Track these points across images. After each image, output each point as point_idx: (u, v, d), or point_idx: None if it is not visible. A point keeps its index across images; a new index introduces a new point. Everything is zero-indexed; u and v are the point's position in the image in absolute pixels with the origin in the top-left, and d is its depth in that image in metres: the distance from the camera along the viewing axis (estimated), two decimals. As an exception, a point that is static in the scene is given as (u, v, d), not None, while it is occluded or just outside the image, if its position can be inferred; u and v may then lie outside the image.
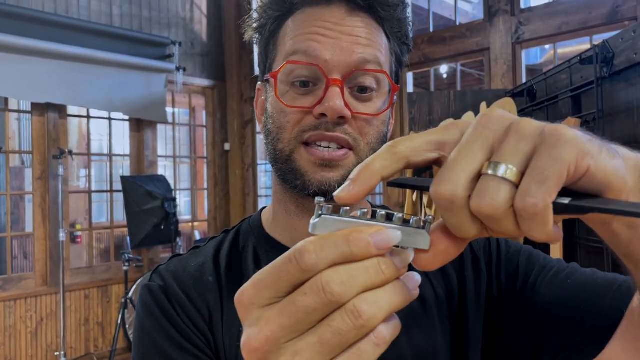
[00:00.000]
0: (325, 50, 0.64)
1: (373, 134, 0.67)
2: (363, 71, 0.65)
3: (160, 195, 4.46)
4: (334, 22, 0.66)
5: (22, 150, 6.29)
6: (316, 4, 0.68)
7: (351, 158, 0.66)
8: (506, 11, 3.81)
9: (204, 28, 5.43)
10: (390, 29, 0.70)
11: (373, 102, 0.67)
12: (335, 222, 0.35)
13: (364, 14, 0.68)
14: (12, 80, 3.97)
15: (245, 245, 0.75)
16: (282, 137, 0.67)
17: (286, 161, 0.67)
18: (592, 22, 3.43)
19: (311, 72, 0.65)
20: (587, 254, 1.79)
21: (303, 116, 0.65)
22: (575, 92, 1.75)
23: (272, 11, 0.71)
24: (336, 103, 0.62)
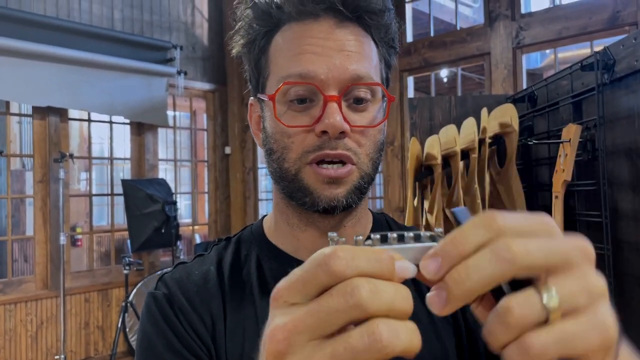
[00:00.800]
0: (319, 69, 0.65)
1: (371, 144, 0.69)
2: (358, 85, 0.67)
3: (161, 199, 4.47)
4: (323, 37, 0.67)
5: (23, 154, 6.29)
6: (304, 18, 0.68)
7: (355, 173, 0.68)
8: (507, 16, 3.82)
9: (205, 32, 5.44)
10: (377, 36, 0.71)
11: (369, 111, 0.69)
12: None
13: (352, 24, 0.69)
14: (13, 83, 3.98)
15: (248, 253, 0.76)
16: (287, 157, 0.68)
17: (292, 180, 0.69)
18: (593, 27, 3.44)
19: (308, 89, 0.66)
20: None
21: (305, 135, 0.67)
22: (576, 98, 1.75)
23: (259, 27, 0.71)
24: (336, 119, 0.64)
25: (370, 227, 0.79)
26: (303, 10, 0.68)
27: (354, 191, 0.68)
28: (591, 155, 1.65)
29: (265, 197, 5.71)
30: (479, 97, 2.53)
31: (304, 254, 0.72)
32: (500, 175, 1.98)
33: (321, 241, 0.72)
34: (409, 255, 0.35)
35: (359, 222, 0.75)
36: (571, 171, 1.62)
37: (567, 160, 1.61)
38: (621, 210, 1.58)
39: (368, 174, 0.69)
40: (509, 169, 1.92)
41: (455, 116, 2.30)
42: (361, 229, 0.76)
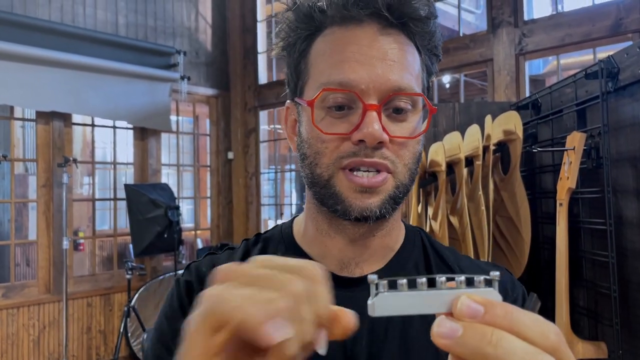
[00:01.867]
0: (361, 78, 0.63)
1: (409, 155, 0.67)
2: (399, 95, 0.65)
3: (164, 204, 4.47)
4: (366, 45, 0.65)
5: (27, 158, 6.31)
6: (346, 23, 0.66)
7: (390, 182, 0.66)
8: (510, 22, 3.83)
9: (208, 37, 5.46)
10: (421, 43, 0.69)
11: (409, 121, 0.67)
12: (395, 299, 0.35)
13: (395, 31, 0.67)
14: (17, 88, 4.00)
15: (275, 253, 0.75)
16: (320, 162, 0.67)
17: (325, 186, 0.67)
18: (596, 34, 3.45)
19: (347, 97, 0.65)
20: (592, 266, 1.79)
21: (341, 142, 0.65)
22: (580, 106, 1.76)
23: (301, 30, 0.70)
24: (375, 128, 0.62)
25: (402, 241, 0.76)
26: (347, 15, 0.66)
27: (388, 201, 0.66)
28: (595, 163, 1.65)
29: (267, 202, 5.71)
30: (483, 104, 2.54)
31: (330, 261, 0.71)
32: (504, 182, 1.99)
33: (348, 249, 0.70)
34: (432, 302, 0.35)
35: (389, 235, 0.73)
36: (575, 179, 1.62)
37: (572, 167, 1.61)
38: (625, 218, 1.58)
39: (404, 185, 0.67)
40: (513, 176, 1.93)
41: (459, 123, 2.31)
42: (391, 241, 0.74)
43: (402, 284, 0.35)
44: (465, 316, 0.33)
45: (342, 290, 0.59)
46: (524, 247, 1.89)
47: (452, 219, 2.05)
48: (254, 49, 5.56)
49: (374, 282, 0.35)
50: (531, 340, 0.33)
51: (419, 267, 0.75)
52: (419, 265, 0.75)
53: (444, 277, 0.35)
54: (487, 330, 0.32)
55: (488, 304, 0.33)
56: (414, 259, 0.75)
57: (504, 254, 2.02)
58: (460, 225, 1.99)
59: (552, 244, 1.94)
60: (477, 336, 0.32)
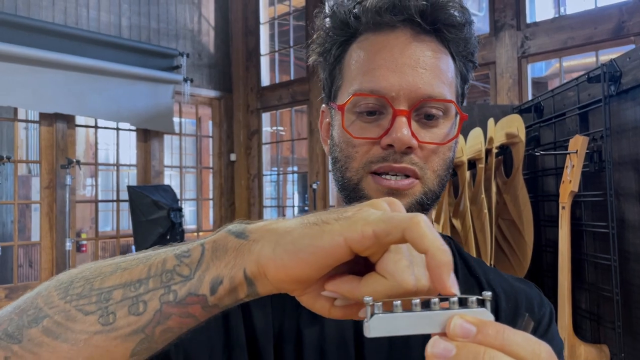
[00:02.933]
0: (392, 86, 0.64)
1: (439, 161, 0.67)
2: (429, 101, 0.65)
3: (166, 205, 4.48)
4: (398, 51, 0.65)
5: (30, 160, 6.33)
6: (380, 29, 0.67)
7: (417, 187, 0.66)
8: (512, 25, 3.83)
9: (211, 40, 5.47)
10: (456, 50, 0.69)
11: (440, 127, 0.66)
12: (390, 320, 0.36)
13: (429, 37, 0.67)
14: (21, 90, 4.02)
15: None
16: (350, 166, 0.67)
17: (354, 189, 0.67)
18: (598, 37, 3.45)
19: (378, 102, 0.65)
20: (594, 269, 1.79)
21: (371, 146, 0.65)
22: (582, 109, 1.76)
23: (337, 36, 0.70)
24: (404, 134, 0.62)
25: None
26: (380, 21, 0.66)
27: (414, 205, 0.66)
28: (598, 166, 1.66)
29: (269, 204, 5.72)
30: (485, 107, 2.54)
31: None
32: (506, 185, 1.99)
33: None
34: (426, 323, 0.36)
35: None
36: (578, 182, 1.63)
37: (574, 171, 1.62)
38: (628, 221, 1.58)
39: (432, 191, 0.67)
40: (515, 179, 1.93)
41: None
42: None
43: (397, 305, 0.36)
44: (459, 336, 0.34)
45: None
46: (527, 250, 1.90)
47: (455, 221, 2.05)
48: (256, 51, 5.57)
49: (369, 304, 0.36)
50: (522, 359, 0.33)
51: None
52: None
53: (437, 299, 0.36)
54: (479, 349, 0.33)
55: (480, 323, 0.34)
56: None
57: (506, 257, 2.02)
58: (462, 228, 2.00)
59: (554, 247, 1.94)
60: (470, 356, 0.33)
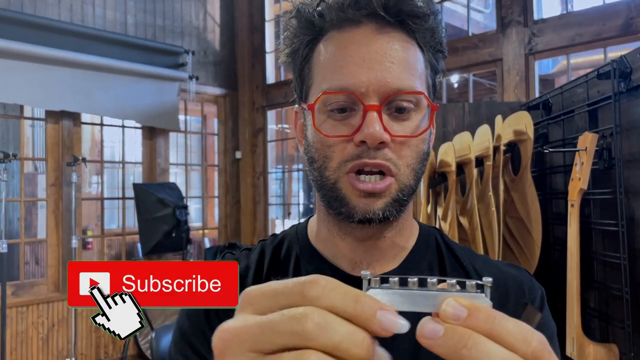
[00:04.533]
0: (360, 82, 0.64)
1: (413, 154, 0.67)
2: (400, 94, 0.65)
3: (172, 203, 4.49)
4: (364, 46, 0.65)
5: (36, 157, 6.34)
6: (345, 25, 0.67)
7: (394, 186, 0.66)
8: (519, 22, 3.80)
9: (216, 37, 5.47)
10: (423, 40, 0.68)
11: (412, 120, 0.66)
12: (384, 296, 0.35)
13: (394, 30, 0.66)
14: (27, 87, 4.02)
15: (289, 253, 0.77)
16: (328, 166, 0.67)
17: (331, 189, 0.68)
18: (606, 34, 3.42)
19: (348, 99, 0.65)
20: (603, 267, 1.78)
21: (345, 144, 0.65)
22: (592, 106, 1.74)
23: (303, 35, 0.70)
24: (375, 129, 0.62)
25: (415, 240, 0.76)
26: (344, 18, 0.66)
27: (392, 204, 0.66)
28: (607, 163, 1.64)
29: (275, 201, 5.72)
30: (493, 104, 2.53)
31: (342, 261, 0.73)
32: (514, 182, 1.98)
33: (359, 249, 0.71)
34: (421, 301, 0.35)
35: (399, 234, 0.73)
36: (587, 180, 1.61)
37: (583, 168, 1.60)
38: (637, 219, 1.57)
39: (408, 186, 0.67)
40: (523, 177, 1.92)
41: (468, 123, 2.30)
42: (402, 241, 0.74)
43: (393, 281, 0.36)
44: (449, 317, 0.34)
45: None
46: (535, 248, 1.88)
47: (462, 219, 2.04)
48: (262, 48, 5.56)
49: (367, 278, 0.36)
50: (511, 346, 0.33)
51: (432, 267, 0.75)
52: (432, 266, 0.75)
53: (435, 279, 0.35)
54: (465, 333, 0.33)
55: (472, 307, 0.34)
56: (428, 259, 0.75)
57: (514, 255, 2.01)
58: (470, 226, 1.98)
59: (562, 245, 1.93)
60: (455, 338, 0.33)
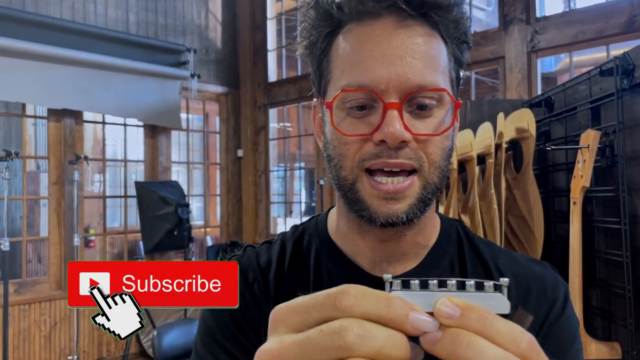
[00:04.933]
0: (380, 78, 0.61)
1: (437, 151, 0.64)
2: (421, 91, 0.62)
3: (174, 201, 4.49)
4: (385, 41, 0.62)
5: (38, 156, 6.35)
6: (364, 18, 0.64)
7: (416, 184, 0.63)
8: (521, 20, 3.79)
9: (218, 35, 5.47)
10: (446, 32, 0.65)
11: (434, 117, 0.63)
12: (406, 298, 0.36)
13: (416, 22, 0.63)
14: (29, 86, 4.03)
15: (309, 247, 0.75)
16: (344, 164, 0.65)
17: (350, 189, 0.65)
18: (609, 31, 3.41)
19: (367, 96, 0.62)
20: (605, 265, 1.77)
21: (363, 143, 0.63)
22: (594, 103, 1.74)
23: (321, 28, 0.67)
24: (396, 128, 0.60)
25: (436, 237, 0.73)
26: (363, 10, 0.63)
27: (416, 204, 0.63)
28: (610, 161, 1.63)
29: (276, 200, 5.72)
30: (495, 102, 2.52)
31: (362, 259, 0.71)
32: (516, 180, 1.97)
33: (380, 249, 0.69)
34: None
35: (421, 232, 0.70)
36: (590, 177, 1.61)
37: (586, 166, 1.60)
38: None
39: (432, 183, 0.64)
40: (525, 174, 1.91)
41: (470, 120, 2.29)
42: (424, 240, 0.71)
43: (414, 284, 0.38)
44: (443, 316, 0.35)
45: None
46: (537, 246, 1.88)
47: (464, 217, 2.03)
48: (263, 46, 5.56)
49: (389, 281, 0.38)
50: (502, 346, 0.34)
51: (453, 264, 0.72)
52: (454, 263, 0.73)
53: (454, 281, 0.37)
54: (460, 333, 0.34)
55: (466, 307, 0.35)
56: (449, 256, 0.73)
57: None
58: (472, 224, 1.98)
59: (564, 243, 1.92)
60: (451, 337, 0.34)
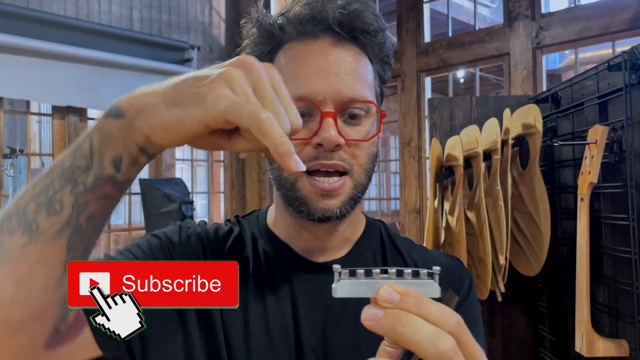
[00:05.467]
0: (317, 91, 0.71)
1: (364, 155, 0.75)
2: (353, 102, 0.72)
3: (178, 199, 4.49)
4: (321, 58, 0.72)
5: (43, 153, 6.36)
6: (304, 37, 0.74)
7: (348, 184, 0.74)
8: (526, 16, 3.78)
9: (222, 33, 5.46)
10: (372, 54, 0.77)
11: (363, 125, 0.74)
12: (353, 285, 0.44)
13: (348, 44, 0.74)
14: (33, 83, 4.03)
15: (249, 232, 0.84)
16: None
17: (290, 188, 0.74)
18: (615, 27, 3.39)
19: (306, 106, 0.71)
20: (613, 263, 1.76)
21: (303, 147, 0.72)
22: (602, 99, 1.72)
23: (263, 45, 0.77)
24: (331, 134, 0.69)
25: (361, 232, 0.85)
26: (303, 31, 0.74)
27: (348, 202, 0.74)
28: (618, 157, 1.62)
29: (280, 197, 5.71)
30: (501, 98, 2.51)
31: (297, 247, 0.80)
32: (522, 176, 1.96)
33: (313, 241, 0.79)
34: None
35: (349, 228, 0.82)
36: (597, 173, 1.59)
37: (594, 162, 1.58)
38: (648, 213, 1.55)
39: (361, 184, 0.75)
40: (532, 171, 1.90)
41: (476, 117, 2.28)
42: (351, 234, 0.83)
43: (360, 272, 0.44)
44: (385, 301, 0.43)
45: (308, 273, 0.77)
46: (543, 243, 1.87)
47: (470, 214, 2.02)
48: (267, 43, 5.55)
49: (337, 271, 0.45)
50: (435, 324, 0.42)
51: (376, 256, 0.84)
52: (376, 255, 0.84)
53: (395, 269, 0.44)
54: (400, 313, 0.42)
55: (404, 293, 0.43)
56: (372, 249, 0.84)
57: (522, 250, 1.99)
58: (477, 221, 1.97)
59: (571, 240, 1.91)
60: (392, 317, 0.43)
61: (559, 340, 2.11)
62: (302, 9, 0.73)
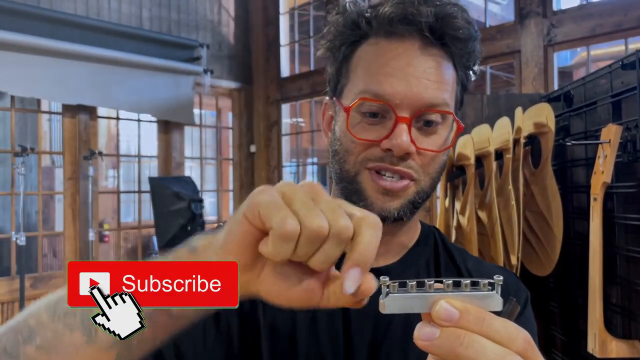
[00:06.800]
0: (396, 94, 0.67)
1: (434, 165, 0.71)
2: (430, 110, 0.69)
3: (187, 197, 4.50)
4: (406, 61, 0.69)
5: (53, 151, 6.40)
6: (390, 36, 0.70)
7: (412, 188, 0.70)
8: (538, 13, 3.74)
9: (231, 30, 5.46)
10: (459, 62, 0.73)
11: (438, 134, 0.71)
12: (404, 300, 0.39)
13: (435, 49, 0.70)
14: (44, 82, 4.05)
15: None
16: (348, 159, 0.71)
17: (351, 181, 0.71)
18: (628, 24, 3.35)
19: (382, 107, 0.69)
20: (626, 263, 1.74)
21: (370, 146, 0.69)
22: (615, 97, 1.70)
23: (347, 35, 0.74)
24: (403, 140, 0.66)
25: (416, 239, 0.80)
26: (391, 30, 0.70)
27: (407, 205, 0.70)
28: (632, 156, 1.60)
29: (289, 195, 5.70)
30: (512, 96, 2.49)
31: None
32: (534, 176, 1.94)
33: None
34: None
35: (406, 234, 0.78)
36: (611, 173, 1.58)
37: (607, 161, 1.56)
38: (663, 214, 1.53)
39: (425, 191, 0.72)
40: (544, 170, 1.88)
41: (487, 115, 2.26)
42: (407, 240, 0.79)
43: (411, 285, 0.39)
44: (442, 319, 0.38)
45: None
46: (555, 243, 1.85)
47: (481, 213, 2.01)
48: (276, 41, 5.54)
49: (386, 284, 0.40)
50: (501, 343, 0.37)
51: (429, 264, 0.80)
52: (429, 263, 0.80)
53: (451, 280, 0.38)
54: (460, 333, 0.37)
55: (463, 309, 0.38)
56: (426, 257, 0.80)
57: (534, 250, 1.98)
58: (489, 220, 1.96)
59: (584, 240, 1.89)
60: (451, 338, 0.37)
61: (570, 341, 2.09)
62: (394, 7, 0.70)
